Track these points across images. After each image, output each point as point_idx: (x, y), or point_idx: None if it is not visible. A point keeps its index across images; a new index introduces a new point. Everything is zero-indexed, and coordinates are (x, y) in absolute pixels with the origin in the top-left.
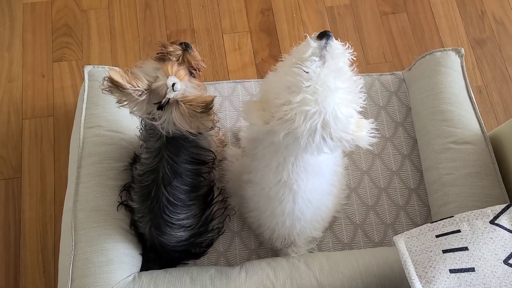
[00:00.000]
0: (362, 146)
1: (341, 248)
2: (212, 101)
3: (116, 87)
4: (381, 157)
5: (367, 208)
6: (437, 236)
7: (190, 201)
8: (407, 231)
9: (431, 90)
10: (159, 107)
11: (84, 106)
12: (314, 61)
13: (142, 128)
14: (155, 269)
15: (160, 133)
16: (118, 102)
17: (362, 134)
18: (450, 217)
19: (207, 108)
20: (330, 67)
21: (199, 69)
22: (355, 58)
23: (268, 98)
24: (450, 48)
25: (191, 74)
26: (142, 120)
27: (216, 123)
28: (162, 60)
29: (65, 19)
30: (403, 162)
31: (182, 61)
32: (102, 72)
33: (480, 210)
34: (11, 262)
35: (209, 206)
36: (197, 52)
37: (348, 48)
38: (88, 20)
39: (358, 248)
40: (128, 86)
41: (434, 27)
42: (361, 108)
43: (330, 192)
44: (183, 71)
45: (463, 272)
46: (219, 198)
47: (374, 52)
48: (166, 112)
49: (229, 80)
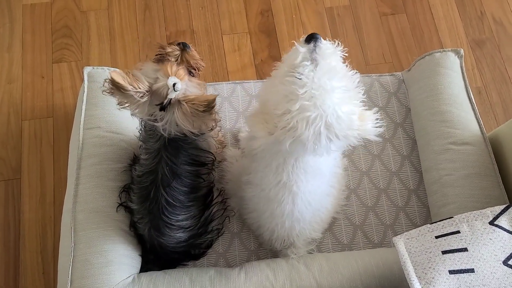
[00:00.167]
0: (370, 138)
1: (340, 249)
2: (214, 99)
3: (117, 89)
4: (380, 158)
5: (367, 209)
6: (436, 237)
7: (189, 202)
8: (407, 232)
9: (430, 91)
10: (161, 108)
11: (83, 107)
12: (306, 66)
13: (141, 129)
14: (154, 270)
15: (160, 134)
16: (119, 104)
17: (368, 126)
18: (449, 218)
19: (209, 107)
20: (323, 68)
21: (198, 68)
22: (347, 59)
23: (268, 109)
24: (450, 49)
25: (190, 73)
26: (142, 121)
27: (218, 122)
28: (161, 61)
29: (64, 20)
30: (403, 163)
31: (181, 61)
32: (102, 73)
33: (480, 211)
34: (11, 263)
35: (208, 207)
36: (195, 51)
37: (339, 45)
38: (88, 21)
39: (358, 249)
40: (129, 88)
41: (434, 28)
42: (361, 103)
43: (329, 193)
44: (182, 71)
45: (463, 273)
46: (218, 199)
47: (373, 53)
48: (168, 113)
49: (228, 81)
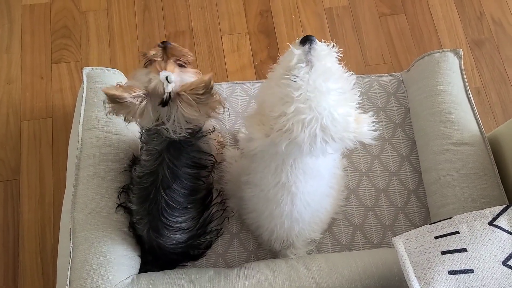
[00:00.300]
0: (366, 142)
1: (340, 249)
2: (211, 79)
3: (115, 101)
4: (380, 158)
5: (366, 209)
6: (436, 238)
7: (188, 204)
8: (406, 233)
9: (429, 91)
10: (164, 103)
11: (82, 108)
12: (301, 68)
13: (143, 131)
14: (153, 271)
15: (164, 136)
16: (125, 119)
17: (363, 129)
18: (448, 218)
19: (208, 87)
20: (318, 70)
21: (188, 60)
22: (346, 60)
23: (264, 111)
24: (449, 49)
25: (181, 66)
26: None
27: (224, 104)
28: (150, 65)
29: (63, 20)
30: (402, 163)
31: (167, 57)
32: (101, 73)
33: (479, 211)
34: (10, 264)
35: (207, 208)
36: (177, 45)
37: (334, 46)
38: (87, 21)
39: (357, 250)
40: (126, 95)
41: (433, 28)
42: (357, 105)
43: (328, 194)
44: (171, 64)
45: (462, 273)
46: (217, 200)
47: (372, 53)
48: (173, 109)
49: (227, 81)
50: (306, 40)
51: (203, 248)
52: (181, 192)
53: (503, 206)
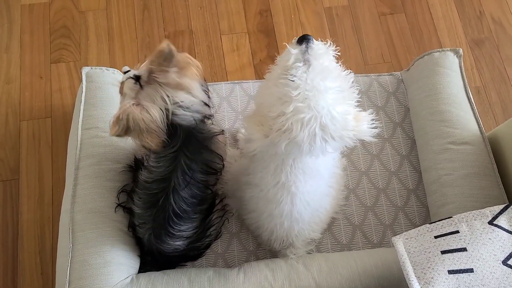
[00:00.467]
0: (365, 140)
1: (339, 249)
2: (165, 45)
3: (127, 130)
4: (379, 157)
5: (366, 209)
6: (435, 237)
7: (195, 214)
8: (406, 232)
9: (429, 91)
10: (136, 79)
11: (81, 108)
12: (298, 67)
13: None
14: (153, 271)
15: (176, 141)
16: (149, 142)
17: (363, 127)
18: (448, 217)
19: (165, 53)
20: (315, 69)
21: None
22: (345, 59)
23: (263, 112)
24: (449, 49)
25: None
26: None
27: (198, 65)
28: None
29: (63, 20)
30: (402, 163)
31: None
32: (100, 73)
33: (479, 210)
34: (9, 264)
35: (210, 214)
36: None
37: (331, 45)
38: (86, 21)
39: (357, 249)
40: (121, 116)
41: (433, 28)
42: (356, 103)
43: (328, 193)
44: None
45: (462, 273)
46: (218, 206)
47: (372, 53)
48: (158, 88)
49: (227, 81)
50: (303, 39)
51: (202, 248)
52: (189, 201)
53: (503, 206)
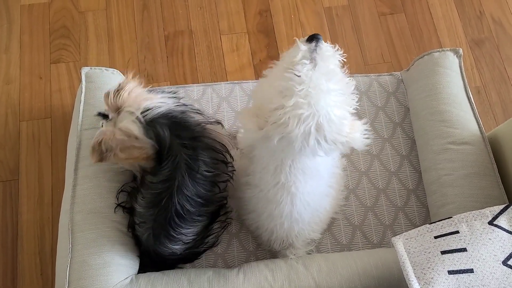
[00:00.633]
0: (357, 148)
1: (339, 249)
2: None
3: (100, 153)
4: (379, 158)
5: (366, 209)
6: (435, 237)
7: (198, 216)
8: (406, 232)
9: (429, 91)
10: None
11: (81, 108)
12: (305, 64)
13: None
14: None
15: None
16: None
17: (356, 135)
18: (448, 218)
19: (115, 92)
20: (321, 69)
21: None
22: (345, 59)
23: (261, 104)
24: (449, 49)
25: None
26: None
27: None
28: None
29: (62, 20)
30: (402, 163)
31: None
32: (100, 73)
33: (479, 211)
34: (9, 264)
35: (213, 221)
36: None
37: (338, 50)
38: (86, 21)
39: (357, 250)
40: (104, 139)
41: (432, 28)
42: (354, 110)
43: (328, 193)
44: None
45: (462, 273)
46: (221, 218)
47: (372, 52)
48: (123, 115)
49: (227, 81)
50: (313, 38)
51: (197, 254)
52: (195, 200)
53: (503, 206)
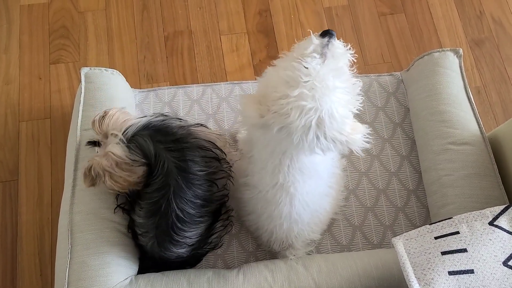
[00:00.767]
0: (354, 150)
1: (339, 250)
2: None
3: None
4: (379, 158)
5: (366, 209)
6: (436, 238)
7: (200, 217)
8: (406, 233)
9: (429, 91)
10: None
11: (80, 108)
12: (314, 57)
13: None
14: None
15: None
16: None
17: (357, 137)
18: (449, 218)
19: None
20: (330, 65)
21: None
22: (355, 59)
23: (266, 92)
24: (449, 49)
25: None
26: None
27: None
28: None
29: (62, 21)
30: (402, 163)
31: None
32: (99, 74)
33: (479, 211)
34: (8, 265)
35: (216, 221)
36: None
37: (350, 49)
38: (85, 22)
39: (357, 250)
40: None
41: (433, 28)
42: (357, 111)
43: (327, 194)
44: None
45: (462, 274)
46: (223, 216)
47: (372, 53)
48: (109, 139)
49: (226, 81)
50: (327, 33)
51: (200, 256)
52: (193, 202)
53: (504, 206)
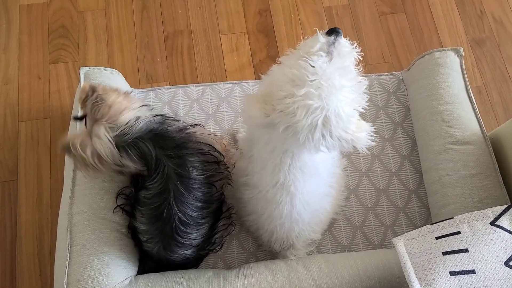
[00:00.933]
0: (359, 149)
1: (340, 250)
2: (85, 87)
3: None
4: (380, 158)
5: (366, 209)
6: (437, 238)
7: (202, 219)
8: (407, 233)
9: (430, 91)
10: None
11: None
12: (321, 56)
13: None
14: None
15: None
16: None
17: (362, 135)
18: (450, 218)
19: (87, 94)
20: (336, 64)
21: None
22: (361, 58)
23: (271, 91)
24: (449, 48)
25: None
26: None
27: (119, 93)
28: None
29: (61, 20)
30: (403, 163)
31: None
32: (98, 73)
33: (481, 211)
34: (7, 265)
35: (218, 220)
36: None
37: (356, 47)
38: (85, 21)
39: (357, 250)
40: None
41: (433, 27)
42: (362, 109)
43: (328, 193)
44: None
45: (464, 274)
46: (225, 214)
47: (372, 52)
48: (99, 124)
49: (226, 81)
50: (333, 31)
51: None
52: (194, 205)
53: (505, 206)
